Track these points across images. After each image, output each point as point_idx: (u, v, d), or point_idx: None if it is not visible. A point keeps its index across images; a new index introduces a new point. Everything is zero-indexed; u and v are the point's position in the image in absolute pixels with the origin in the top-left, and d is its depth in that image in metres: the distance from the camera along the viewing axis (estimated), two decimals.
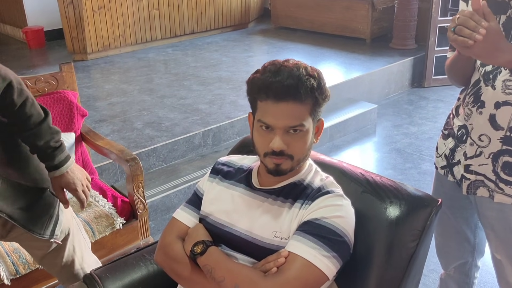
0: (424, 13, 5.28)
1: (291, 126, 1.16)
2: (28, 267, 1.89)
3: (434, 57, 5.03)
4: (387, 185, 1.32)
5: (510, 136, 1.39)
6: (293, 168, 1.22)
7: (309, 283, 1.11)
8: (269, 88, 1.15)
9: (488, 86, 1.41)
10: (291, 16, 6.47)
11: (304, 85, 1.14)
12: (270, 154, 1.19)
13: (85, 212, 2.15)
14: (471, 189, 1.52)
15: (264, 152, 1.20)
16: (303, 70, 1.16)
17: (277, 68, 1.16)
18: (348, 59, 5.19)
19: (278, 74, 1.15)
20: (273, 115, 1.16)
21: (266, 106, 1.17)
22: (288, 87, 1.14)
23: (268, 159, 1.20)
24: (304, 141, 1.20)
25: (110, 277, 1.43)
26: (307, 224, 1.16)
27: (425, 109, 4.69)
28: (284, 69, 1.16)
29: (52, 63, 5.43)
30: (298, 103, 1.15)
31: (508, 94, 1.36)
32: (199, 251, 1.22)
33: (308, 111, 1.18)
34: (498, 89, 1.38)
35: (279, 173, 1.21)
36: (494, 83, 1.39)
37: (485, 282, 2.39)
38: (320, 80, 1.19)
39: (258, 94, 1.19)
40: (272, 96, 1.15)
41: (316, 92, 1.17)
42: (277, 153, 1.17)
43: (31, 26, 6.17)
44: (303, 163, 1.27)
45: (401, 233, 1.23)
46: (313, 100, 1.18)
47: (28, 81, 2.32)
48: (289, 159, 1.19)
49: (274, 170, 1.20)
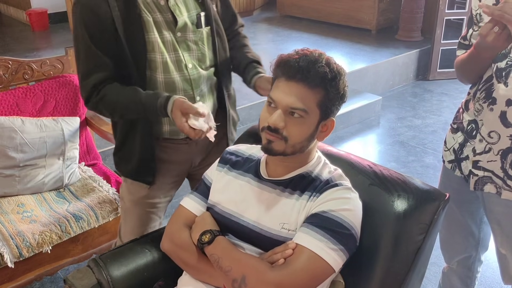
0: (431, 5, 5.24)
1: (292, 107, 1.15)
2: (32, 250, 1.90)
3: (440, 50, 5.00)
4: (395, 178, 1.32)
5: None
6: (285, 153, 1.19)
7: (315, 275, 1.12)
8: (285, 65, 1.17)
9: (501, 83, 1.40)
10: (297, 4, 6.43)
11: (315, 69, 1.15)
12: (266, 129, 1.19)
13: (89, 197, 2.15)
14: (478, 185, 1.52)
15: (262, 126, 1.20)
16: (323, 60, 1.17)
17: (302, 52, 1.19)
18: (353, 50, 5.17)
19: (299, 55, 1.17)
20: (281, 91, 1.17)
21: (279, 83, 1.19)
22: (300, 67, 1.15)
23: (263, 134, 1.20)
24: (303, 129, 1.18)
25: (115, 263, 1.43)
26: (314, 216, 1.16)
27: (429, 102, 4.68)
28: (307, 53, 1.18)
29: (55, 46, 5.39)
30: (306, 87, 1.15)
31: None
32: (206, 240, 1.22)
33: (316, 100, 1.17)
34: (510, 86, 1.37)
35: (270, 151, 1.20)
36: (507, 80, 1.38)
37: (486, 277, 2.40)
38: (336, 75, 1.18)
39: (277, 70, 1.21)
40: (286, 73, 1.17)
41: (328, 82, 1.16)
42: (271, 129, 1.17)
43: (35, 8, 6.13)
44: (306, 154, 1.26)
45: (408, 226, 1.23)
46: (324, 91, 1.17)
47: (34, 64, 2.31)
48: (282, 140, 1.17)
49: (265, 147, 1.20)
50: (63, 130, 2.24)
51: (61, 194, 2.20)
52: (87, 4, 1.39)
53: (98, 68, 1.43)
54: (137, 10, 1.42)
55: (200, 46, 1.55)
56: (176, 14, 1.48)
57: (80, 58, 1.46)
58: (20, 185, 2.15)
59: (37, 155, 2.18)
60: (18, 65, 2.28)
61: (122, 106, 1.46)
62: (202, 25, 1.55)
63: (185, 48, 1.52)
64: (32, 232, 1.92)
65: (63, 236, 1.98)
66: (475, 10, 1.48)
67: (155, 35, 1.45)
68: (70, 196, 2.19)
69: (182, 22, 1.49)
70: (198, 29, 1.54)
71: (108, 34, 1.41)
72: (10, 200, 2.12)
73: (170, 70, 1.48)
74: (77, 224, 2.01)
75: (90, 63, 1.43)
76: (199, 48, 1.55)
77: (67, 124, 2.27)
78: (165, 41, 1.47)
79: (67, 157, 2.26)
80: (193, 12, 1.53)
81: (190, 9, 1.52)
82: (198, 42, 1.55)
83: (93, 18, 1.39)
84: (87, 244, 2.11)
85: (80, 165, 2.38)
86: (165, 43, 1.47)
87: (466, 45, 1.56)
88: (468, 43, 1.55)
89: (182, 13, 1.50)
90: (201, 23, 1.54)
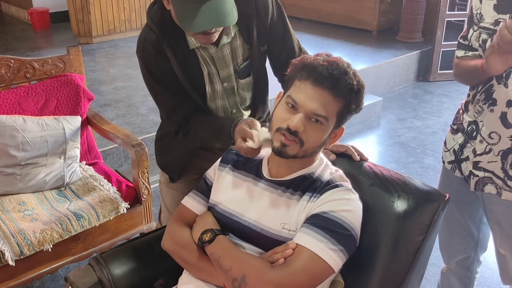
0: (432, 6, 5.25)
1: (316, 114, 1.16)
2: (33, 248, 1.90)
3: (441, 52, 5.01)
4: (395, 179, 1.32)
5: None
6: (297, 156, 1.20)
7: (315, 275, 1.12)
8: (314, 70, 1.17)
9: (501, 84, 1.41)
10: (297, 5, 6.43)
11: (345, 80, 1.16)
12: (283, 130, 1.17)
13: (90, 196, 2.16)
14: (479, 185, 1.53)
15: (279, 126, 1.19)
16: (352, 71, 1.19)
17: (330, 58, 1.20)
18: (354, 51, 5.17)
19: (328, 62, 1.18)
20: (305, 95, 1.17)
21: (303, 86, 1.18)
22: (331, 75, 1.15)
23: (278, 134, 1.19)
24: (320, 135, 1.19)
25: (116, 261, 1.43)
26: (315, 217, 1.17)
27: (429, 104, 4.68)
28: (336, 60, 1.19)
29: (57, 46, 5.41)
30: (332, 96, 1.16)
31: None
32: (207, 239, 1.22)
33: (336, 109, 1.18)
34: (510, 88, 1.38)
35: (282, 154, 1.19)
36: (507, 82, 1.39)
37: (485, 278, 2.40)
38: (361, 88, 1.20)
39: (301, 72, 1.20)
40: (313, 77, 1.17)
41: (352, 95, 1.18)
42: (290, 132, 1.16)
43: (36, 8, 6.15)
44: (313, 157, 1.27)
45: (408, 227, 1.24)
46: (345, 101, 1.18)
47: (36, 63, 2.32)
48: (298, 144, 1.17)
49: (279, 149, 1.19)
50: (64, 129, 2.25)
51: (62, 193, 2.21)
52: (149, 60, 1.50)
53: (176, 107, 1.55)
54: (197, 65, 1.52)
55: (241, 92, 1.64)
56: (219, 67, 1.55)
57: (158, 101, 1.60)
58: (21, 183, 2.16)
59: (39, 154, 2.18)
60: (20, 64, 2.28)
61: (204, 139, 1.58)
62: (244, 76, 1.61)
63: (229, 95, 1.62)
64: (33, 230, 1.93)
65: (64, 234, 1.98)
66: (475, 9, 1.48)
67: (207, 86, 1.56)
68: (71, 194, 2.20)
69: (225, 74, 1.57)
70: (240, 79, 1.61)
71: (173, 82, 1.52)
72: (11, 198, 2.13)
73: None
74: (78, 222, 2.02)
75: (168, 105, 1.57)
76: (241, 93, 1.64)
77: (68, 123, 2.27)
78: (215, 90, 1.58)
79: (68, 156, 2.26)
80: (239, 60, 1.58)
81: (237, 56, 1.57)
82: (239, 90, 1.63)
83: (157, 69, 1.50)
84: (88, 243, 2.11)
85: (81, 164, 2.39)
86: (214, 93, 1.59)
87: (466, 46, 1.56)
88: (468, 43, 1.55)
89: (228, 64, 1.56)
90: (244, 74, 1.61)
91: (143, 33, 1.50)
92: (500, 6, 1.40)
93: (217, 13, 1.31)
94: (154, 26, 1.45)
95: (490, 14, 1.42)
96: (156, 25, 1.45)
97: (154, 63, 1.49)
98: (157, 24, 1.45)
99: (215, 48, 1.51)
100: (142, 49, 1.49)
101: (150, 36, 1.47)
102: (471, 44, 1.54)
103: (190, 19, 1.31)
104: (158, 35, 1.45)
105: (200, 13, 1.29)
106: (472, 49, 1.54)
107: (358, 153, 1.44)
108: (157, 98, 1.58)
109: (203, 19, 1.30)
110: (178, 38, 1.47)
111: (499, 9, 1.40)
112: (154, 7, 1.49)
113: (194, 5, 1.30)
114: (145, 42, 1.48)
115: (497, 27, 1.39)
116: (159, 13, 1.46)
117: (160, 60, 1.47)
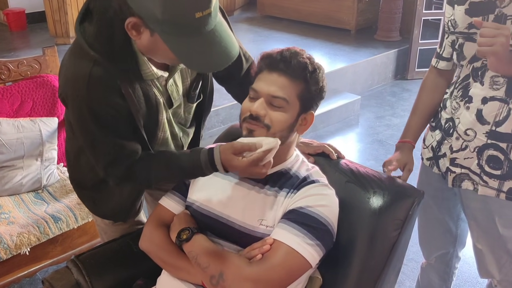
0: (409, 5, 5.31)
1: (273, 96, 1.20)
2: (10, 252, 1.88)
3: (418, 50, 5.07)
4: (370, 176, 1.34)
5: (495, 130, 1.42)
6: None
7: (292, 270, 1.13)
8: (267, 58, 1.22)
9: (477, 82, 1.44)
10: (277, 5, 6.45)
11: (297, 60, 1.20)
12: (247, 119, 1.21)
13: (68, 198, 2.14)
14: (456, 181, 1.56)
15: (243, 117, 1.23)
16: (306, 54, 1.23)
17: (286, 48, 1.24)
18: (332, 50, 5.21)
19: (281, 49, 1.22)
20: (263, 81, 1.21)
21: (261, 75, 1.23)
22: (282, 58, 1.20)
23: (244, 124, 1.23)
24: (284, 117, 1.21)
25: (94, 263, 1.43)
26: (292, 212, 1.18)
27: (407, 101, 4.74)
28: (289, 47, 1.23)
29: (34, 47, 5.33)
30: (288, 78, 1.20)
31: (495, 89, 1.40)
32: (184, 238, 1.22)
33: (296, 92, 1.21)
34: (486, 85, 1.41)
35: None
36: (483, 79, 1.42)
37: (463, 272, 2.45)
38: (317, 68, 1.23)
39: (259, 65, 1.25)
40: (268, 64, 1.22)
41: (308, 74, 1.20)
42: (253, 117, 1.20)
43: (12, 8, 6.04)
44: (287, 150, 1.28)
45: (384, 222, 1.26)
46: (304, 83, 1.21)
47: (11, 64, 2.28)
48: (264, 129, 1.20)
49: (247, 136, 1.22)
50: (41, 131, 2.22)
51: (39, 196, 2.18)
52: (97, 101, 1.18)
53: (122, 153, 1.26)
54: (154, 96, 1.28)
55: (187, 116, 1.47)
56: (173, 97, 1.36)
57: (99, 150, 1.27)
58: None
59: (15, 156, 2.15)
60: None
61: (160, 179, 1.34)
62: (196, 100, 1.45)
63: (176, 121, 1.43)
64: (10, 233, 1.90)
65: (41, 237, 1.96)
66: (448, 17, 1.51)
67: (162, 116, 1.34)
68: (48, 197, 2.17)
69: (177, 103, 1.39)
70: (190, 103, 1.45)
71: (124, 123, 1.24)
72: None
73: (168, 143, 1.42)
74: (56, 225, 2.00)
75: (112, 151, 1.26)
76: (186, 116, 1.48)
77: (45, 125, 2.25)
78: (166, 120, 1.37)
79: (45, 158, 2.24)
80: (187, 82, 1.40)
81: (186, 77, 1.39)
82: (186, 114, 1.46)
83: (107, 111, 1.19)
84: (67, 245, 2.09)
85: (58, 166, 2.36)
86: (165, 122, 1.37)
87: (438, 54, 1.64)
88: (440, 51, 1.62)
89: (179, 91, 1.37)
90: (194, 98, 1.44)
91: (81, 68, 1.15)
92: (471, 10, 1.43)
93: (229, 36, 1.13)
94: (101, 58, 1.13)
95: (462, 19, 1.46)
96: (105, 56, 1.14)
97: (104, 104, 1.18)
98: (106, 55, 1.14)
99: (166, 74, 1.29)
100: (86, 89, 1.14)
101: (95, 71, 1.14)
102: (442, 53, 1.61)
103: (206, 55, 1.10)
104: (109, 68, 1.15)
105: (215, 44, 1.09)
106: (442, 58, 1.62)
107: (335, 151, 1.46)
108: (97, 146, 1.26)
109: (221, 50, 1.10)
110: (133, 68, 1.20)
111: (471, 13, 1.43)
112: (89, 31, 1.16)
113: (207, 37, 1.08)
114: (90, 80, 1.14)
115: (472, 29, 1.43)
116: (104, 40, 1.14)
117: (113, 99, 1.18)
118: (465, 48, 1.47)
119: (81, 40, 1.15)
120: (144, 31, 1.10)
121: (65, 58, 1.23)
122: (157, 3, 1.01)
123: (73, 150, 1.47)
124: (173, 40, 1.07)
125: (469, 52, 1.45)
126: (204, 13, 1.03)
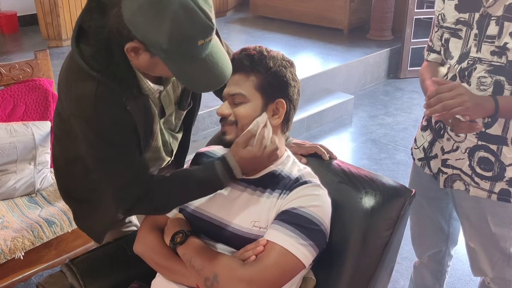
0: (401, 4, 5.33)
1: (232, 94, 1.26)
2: (4, 256, 1.88)
3: (410, 49, 5.10)
4: (362, 176, 1.35)
5: (485, 132, 1.44)
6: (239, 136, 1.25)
7: (286, 271, 1.14)
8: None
9: (464, 82, 1.45)
10: (269, 5, 6.45)
11: (243, 55, 1.26)
12: (220, 122, 1.29)
13: (61, 202, 2.14)
14: (448, 182, 1.57)
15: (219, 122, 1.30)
16: (257, 47, 1.28)
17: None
18: (325, 50, 5.22)
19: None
20: (226, 86, 1.26)
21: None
22: (235, 59, 1.26)
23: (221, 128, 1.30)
24: (247, 110, 1.25)
25: (88, 267, 1.43)
26: (285, 213, 1.18)
27: (400, 100, 4.76)
28: (244, 47, 1.29)
29: (26, 50, 5.31)
30: (241, 74, 1.25)
31: (482, 90, 1.40)
32: (178, 241, 1.23)
33: (253, 84, 1.25)
34: (473, 85, 1.42)
35: (225, 140, 1.29)
36: (470, 80, 1.43)
37: (456, 270, 2.46)
38: (262, 56, 1.26)
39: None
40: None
41: (256, 63, 1.24)
42: (222, 119, 1.28)
43: (4, 11, 6.01)
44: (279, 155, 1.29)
45: (376, 222, 1.26)
46: (257, 74, 1.25)
47: (2, 68, 2.28)
48: (233, 125, 1.27)
49: (222, 139, 1.30)
50: (33, 134, 2.22)
51: (33, 199, 2.18)
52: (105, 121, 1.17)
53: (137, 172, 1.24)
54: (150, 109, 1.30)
55: (177, 122, 1.49)
56: (166, 106, 1.36)
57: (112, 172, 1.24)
58: None
59: (8, 161, 2.15)
60: None
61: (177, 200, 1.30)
62: (187, 107, 1.47)
63: (166, 127, 1.44)
64: (4, 238, 1.90)
65: (35, 241, 1.96)
66: (438, 11, 1.53)
67: (156, 125, 1.35)
68: (42, 201, 2.17)
69: (169, 112, 1.39)
70: (182, 111, 1.46)
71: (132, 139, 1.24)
72: None
73: (160, 151, 1.43)
74: (50, 229, 2.00)
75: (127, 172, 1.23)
76: (177, 123, 1.49)
77: (37, 129, 2.25)
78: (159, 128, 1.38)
79: (39, 162, 2.23)
80: (179, 89, 1.41)
81: (177, 85, 1.40)
82: (176, 120, 1.48)
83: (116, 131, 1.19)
84: (61, 249, 2.09)
85: (52, 170, 2.36)
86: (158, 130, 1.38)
87: (430, 47, 1.65)
88: (432, 45, 1.64)
89: (171, 100, 1.39)
90: (186, 105, 1.46)
91: (86, 90, 1.14)
92: (460, 6, 1.45)
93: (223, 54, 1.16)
94: (103, 77, 1.13)
95: (451, 14, 1.47)
96: (106, 76, 1.14)
97: (112, 124, 1.17)
98: (107, 74, 1.14)
99: (161, 88, 1.31)
100: (92, 110, 1.14)
101: (100, 91, 1.14)
102: (433, 45, 1.63)
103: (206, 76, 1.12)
104: (113, 86, 1.15)
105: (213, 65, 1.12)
106: (433, 51, 1.64)
107: (328, 151, 1.47)
108: (110, 168, 1.23)
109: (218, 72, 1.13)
110: (134, 84, 1.21)
111: (459, 9, 1.44)
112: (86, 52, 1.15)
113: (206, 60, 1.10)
114: (95, 101, 1.13)
115: (458, 25, 1.44)
116: (104, 60, 1.14)
117: (120, 118, 1.18)
118: (451, 44, 1.48)
119: (80, 61, 1.15)
120: (143, 53, 1.11)
121: (64, 77, 1.23)
122: (164, 32, 1.02)
123: (65, 156, 1.45)
124: (175, 64, 1.10)
125: (454, 50, 1.47)
126: (206, 40, 1.08)
